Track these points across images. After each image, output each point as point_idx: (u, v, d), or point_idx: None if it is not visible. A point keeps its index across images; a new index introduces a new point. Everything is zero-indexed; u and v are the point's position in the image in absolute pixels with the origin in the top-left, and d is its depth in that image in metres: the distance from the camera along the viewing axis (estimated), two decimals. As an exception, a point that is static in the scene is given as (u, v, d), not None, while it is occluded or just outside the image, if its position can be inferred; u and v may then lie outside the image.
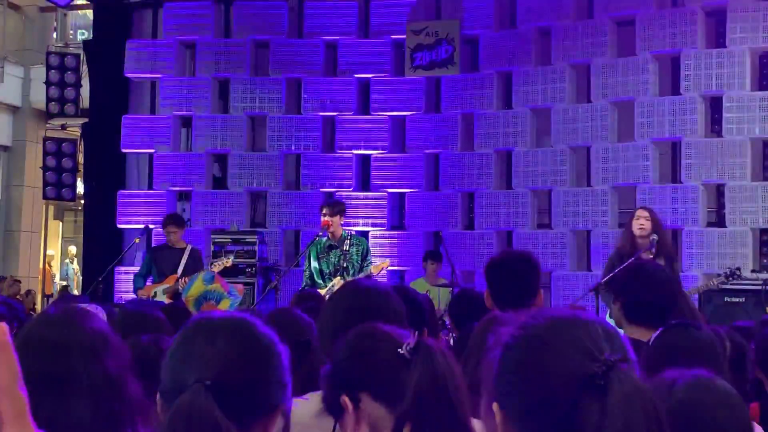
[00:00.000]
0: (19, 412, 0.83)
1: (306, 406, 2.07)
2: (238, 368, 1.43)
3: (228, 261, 8.29)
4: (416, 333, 1.70)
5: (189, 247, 8.50)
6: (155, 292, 8.05)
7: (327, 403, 1.73)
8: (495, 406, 1.27)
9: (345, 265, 7.19)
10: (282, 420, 1.51)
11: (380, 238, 10.49)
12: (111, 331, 1.75)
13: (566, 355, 1.21)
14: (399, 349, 1.65)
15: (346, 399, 1.68)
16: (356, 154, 10.77)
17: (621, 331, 3.48)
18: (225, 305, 4.19)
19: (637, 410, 1.15)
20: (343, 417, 1.69)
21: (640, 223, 6.35)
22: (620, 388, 1.16)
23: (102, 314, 2.60)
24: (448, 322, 7.82)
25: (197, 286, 4.21)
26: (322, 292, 6.81)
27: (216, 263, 8.18)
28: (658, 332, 2.74)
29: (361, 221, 10.44)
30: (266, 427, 1.46)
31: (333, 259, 7.21)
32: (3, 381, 0.82)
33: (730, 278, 6.90)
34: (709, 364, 2.03)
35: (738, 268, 6.93)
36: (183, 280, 7.80)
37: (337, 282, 7.04)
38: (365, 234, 10.20)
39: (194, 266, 8.25)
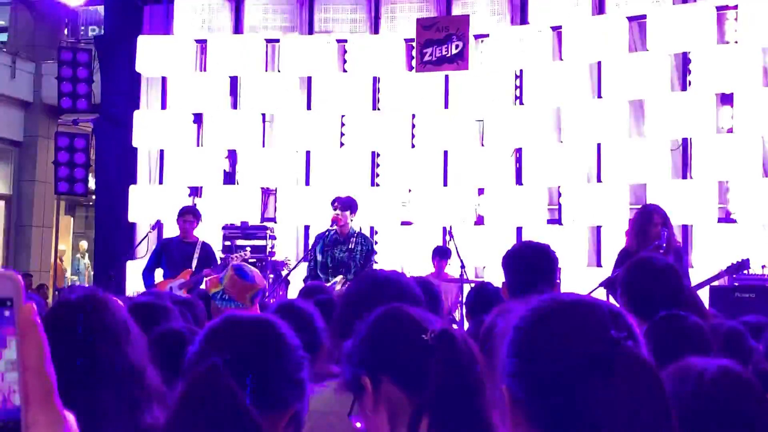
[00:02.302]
0: (47, 393, 0.85)
1: (323, 394, 2.08)
2: (255, 357, 1.50)
3: (246, 253, 8.38)
4: (445, 320, 1.68)
5: (201, 242, 8.49)
6: (170, 287, 8.03)
7: (348, 380, 1.71)
8: (504, 389, 1.28)
9: (349, 262, 7.16)
10: (293, 424, 1.53)
11: (390, 233, 10.50)
12: (131, 319, 1.78)
13: (572, 336, 1.22)
14: (423, 335, 1.61)
15: (367, 380, 1.66)
16: (368, 151, 10.78)
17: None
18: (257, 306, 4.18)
19: (643, 386, 1.16)
20: (362, 396, 1.67)
21: (659, 230, 6.24)
22: (626, 365, 1.17)
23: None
24: (456, 318, 7.85)
25: (260, 279, 4.14)
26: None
27: (235, 256, 8.21)
28: (648, 324, 2.74)
29: (371, 217, 10.45)
30: (275, 424, 1.49)
31: (337, 255, 7.19)
32: (31, 360, 0.83)
33: (738, 271, 6.85)
34: (699, 353, 2.04)
35: (747, 260, 6.87)
36: (207, 272, 7.82)
37: (339, 280, 7.01)
38: (373, 231, 10.25)
39: (206, 260, 8.26)
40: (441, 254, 9.19)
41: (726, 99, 9.25)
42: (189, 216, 8.50)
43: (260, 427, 1.37)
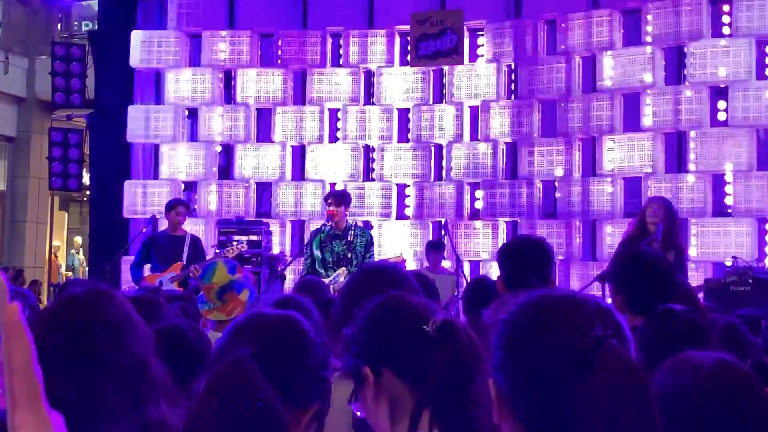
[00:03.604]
0: (33, 394, 0.83)
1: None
2: (280, 353, 1.50)
3: (243, 246, 8.38)
4: (445, 310, 1.68)
5: (189, 235, 8.45)
6: (160, 281, 8.01)
7: (348, 369, 1.71)
8: (491, 382, 1.29)
9: (349, 255, 7.17)
10: (315, 421, 1.53)
11: (387, 227, 10.51)
12: (135, 312, 1.77)
13: (557, 332, 1.22)
14: (424, 326, 1.61)
15: (368, 371, 1.65)
16: (362, 144, 10.78)
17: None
18: (245, 296, 4.19)
19: (624, 385, 1.16)
20: (363, 387, 1.67)
21: (653, 210, 6.40)
22: (608, 364, 1.17)
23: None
24: (452, 311, 7.85)
25: (222, 274, 4.17)
26: (325, 282, 6.82)
27: (230, 249, 8.20)
28: (645, 319, 2.73)
29: (366, 211, 10.47)
30: (298, 420, 1.50)
31: (336, 249, 7.20)
32: (17, 362, 0.82)
33: (742, 277, 6.93)
34: (699, 347, 2.05)
35: (750, 268, 6.95)
36: (194, 268, 7.78)
37: (342, 272, 7.02)
38: (368, 224, 10.26)
39: (196, 254, 8.23)
40: (435, 248, 9.19)
41: (721, 92, 9.26)
42: (181, 208, 8.46)
43: (285, 421, 1.37)
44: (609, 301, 5.17)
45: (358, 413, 1.72)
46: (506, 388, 1.26)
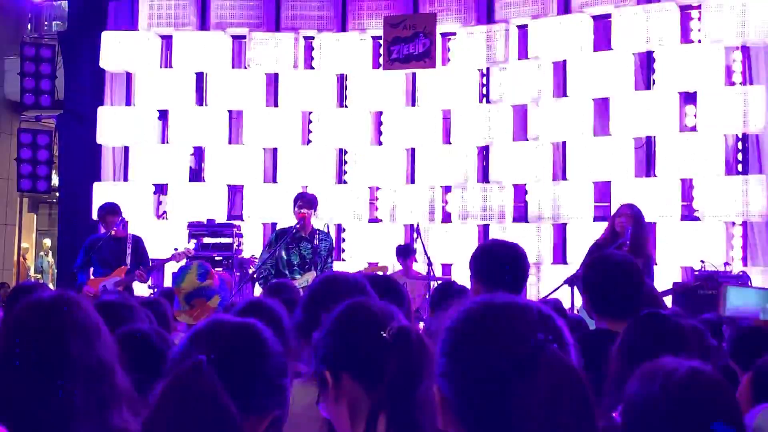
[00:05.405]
0: None
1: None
2: (238, 360, 1.50)
3: (190, 252, 8.26)
4: (404, 316, 1.70)
5: (131, 236, 8.19)
6: (104, 286, 7.70)
7: (314, 373, 1.76)
8: (435, 387, 1.30)
9: (314, 259, 7.16)
10: (272, 429, 1.54)
11: (358, 231, 10.51)
12: (101, 320, 1.77)
13: (498, 337, 1.25)
14: (382, 332, 1.65)
15: (327, 375, 1.70)
16: (334, 148, 10.77)
17: (591, 323, 3.50)
18: (215, 302, 4.20)
19: (563, 389, 1.18)
20: (326, 390, 1.71)
21: (621, 221, 6.45)
22: (548, 368, 1.19)
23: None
24: (424, 315, 7.87)
25: (191, 280, 4.19)
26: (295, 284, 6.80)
27: (178, 253, 8.08)
28: (629, 322, 2.75)
29: (338, 215, 10.46)
30: (255, 428, 1.50)
31: (303, 252, 7.17)
32: None
33: (708, 283, 7.02)
34: (682, 352, 2.06)
35: (716, 273, 7.04)
36: (140, 272, 7.68)
37: (310, 277, 7.02)
38: (340, 227, 10.26)
39: (138, 256, 8.04)
40: (404, 253, 9.19)
41: (689, 97, 9.37)
42: (110, 217, 8.02)
43: (241, 428, 1.37)
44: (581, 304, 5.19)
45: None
46: (450, 393, 1.28)
